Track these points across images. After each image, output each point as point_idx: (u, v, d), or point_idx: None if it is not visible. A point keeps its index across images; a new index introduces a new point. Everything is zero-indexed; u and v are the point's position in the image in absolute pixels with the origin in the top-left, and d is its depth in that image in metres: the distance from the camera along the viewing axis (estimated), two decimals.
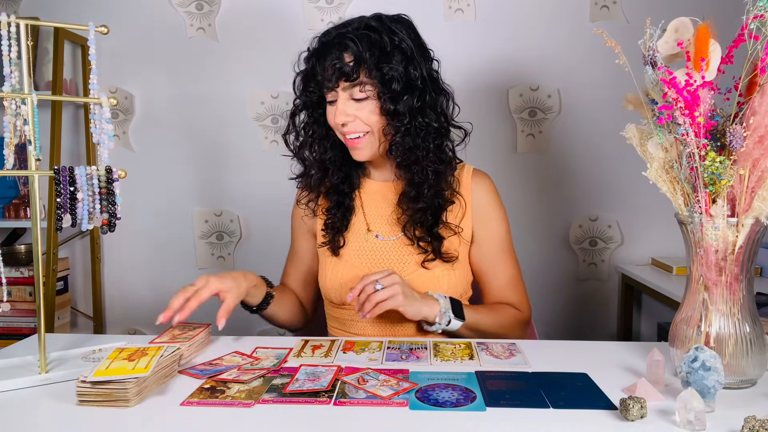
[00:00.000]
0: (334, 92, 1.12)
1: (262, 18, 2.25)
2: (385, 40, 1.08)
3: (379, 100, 1.10)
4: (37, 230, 0.88)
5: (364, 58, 1.07)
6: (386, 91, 1.09)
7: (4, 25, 0.84)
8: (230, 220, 2.34)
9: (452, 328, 1.11)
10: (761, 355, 0.85)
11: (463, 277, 1.22)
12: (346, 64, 1.08)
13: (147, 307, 2.38)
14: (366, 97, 1.10)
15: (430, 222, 1.17)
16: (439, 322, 1.09)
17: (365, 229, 1.23)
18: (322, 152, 1.20)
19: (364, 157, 1.16)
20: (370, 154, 1.16)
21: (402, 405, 0.79)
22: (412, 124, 1.11)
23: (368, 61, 1.07)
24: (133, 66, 2.29)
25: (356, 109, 1.11)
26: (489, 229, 1.23)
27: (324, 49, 1.11)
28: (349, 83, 1.09)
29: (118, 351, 0.88)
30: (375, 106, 1.11)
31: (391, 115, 1.10)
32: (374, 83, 1.09)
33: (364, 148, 1.15)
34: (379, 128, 1.13)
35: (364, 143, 1.14)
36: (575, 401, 0.80)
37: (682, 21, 0.87)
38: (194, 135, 2.30)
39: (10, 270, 2.13)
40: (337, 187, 1.23)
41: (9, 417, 0.77)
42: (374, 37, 1.08)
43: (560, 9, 2.20)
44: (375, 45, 1.08)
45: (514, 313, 1.22)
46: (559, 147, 2.27)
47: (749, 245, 0.84)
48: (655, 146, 0.89)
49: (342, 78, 1.09)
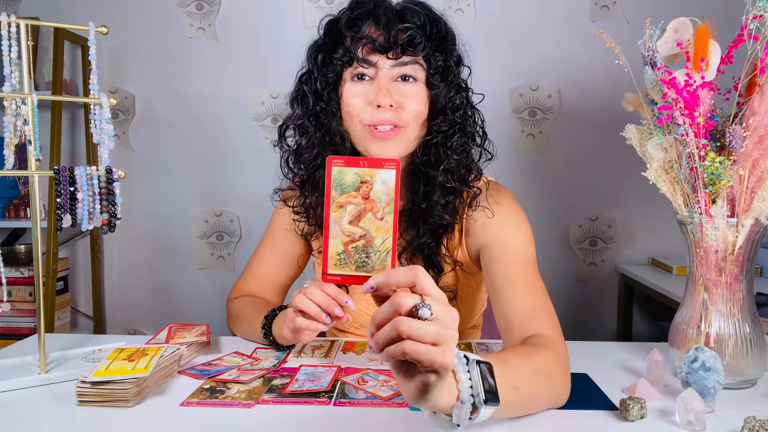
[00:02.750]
0: (371, 67, 0.90)
1: (262, 18, 2.25)
2: (443, 21, 0.92)
3: (429, 88, 0.91)
4: (37, 230, 0.88)
5: (426, 28, 0.88)
6: (440, 78, 0.90)
7: (4, 25, 0.84)
8: (230, 220, 2.34)
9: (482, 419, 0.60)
10: (761, 355, 0.85)
11: (466, 315, 1.08)
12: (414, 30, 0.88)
13: (147, 307, 2.38)
14: (416, 79, 0.91)
15: (430, 249, 0.97)
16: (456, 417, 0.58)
17: None
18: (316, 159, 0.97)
19: (394, 154, 0.92)
20: (402, 151, 0.93)
21: (402, 405, 0.79)
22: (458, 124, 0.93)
23: (432, 37, 0.89)
24: (133, 66, 2.29)
25: (403, 93, 0.90)
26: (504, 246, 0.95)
27: (371, 10, 0.90)
28: (407, 56, 0.89)
29: (118, 351, 0.88)
30: (425, 95, 0.92)
31: (444, 109, 0.92)
32: (428, 64, 0.90)
33: (396, 143, 0.91)
34: (420, 123, 0.92)
35: (398, 136, 0.91)
36: (575, 402, 0.80)
37: (681, 21, 0.87)
38: (194, 135, 2.30)
39: (10, 270, 2.13)
40: None
41: (9, 417, 0.77)
42: (433, 14, 0.91)
43: (560, 9, 2.20)
44: (439, 24, 0.91)
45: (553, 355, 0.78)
46: (559, 147, 2.27)
47: (749, 245, 0.84)
48: (655, 146, 0.89)
49: (399, 47, 0.87)
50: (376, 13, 0.90)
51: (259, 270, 1.15)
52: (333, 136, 0.95)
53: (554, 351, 0.78)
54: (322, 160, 0.95)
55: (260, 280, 1.15)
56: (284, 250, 1.14)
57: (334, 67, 0.92)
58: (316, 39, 0.97)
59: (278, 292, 1.17)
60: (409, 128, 0.92)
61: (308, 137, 0.97)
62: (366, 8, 0.91)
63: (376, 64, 0.90)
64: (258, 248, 1.18)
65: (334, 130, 0.94)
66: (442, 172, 0.93)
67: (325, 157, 0.92)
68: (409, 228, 0.98)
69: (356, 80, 0.92)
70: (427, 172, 0.95)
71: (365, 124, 0.91)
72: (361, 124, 0.92)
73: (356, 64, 0.90)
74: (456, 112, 0.93)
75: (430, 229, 0.96)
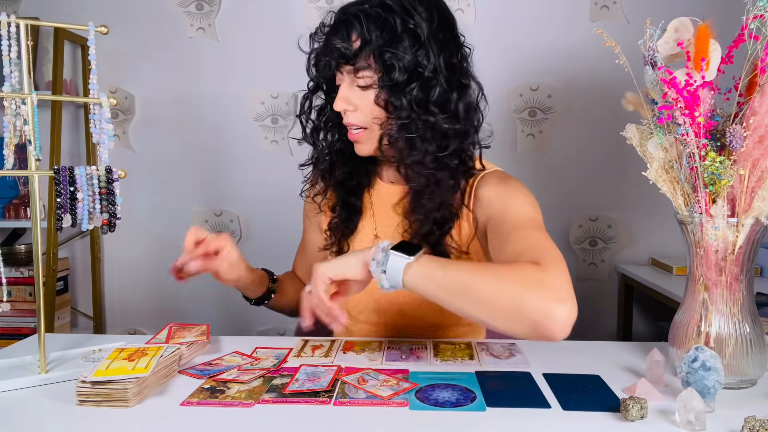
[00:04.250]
0: (340, 75, 1.01)
1: (262, 18, 2.25)
2: (397, 21, 0.96)
3: (380, 89, 0.98)
4: (37, 230, 0.88)
5: (368, 39, 0.96)
6: (387, 79, 0.96)
7: (4, 25, 0.84)
8: (230, 220, 2.34)
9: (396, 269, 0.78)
10: (761, 355, 0.85)
11: None
12: (350, 45, 0.97)
13: (147, 307, 2.38)
14: (368, 85, 0.98)
15: (435, 237, 1.03)
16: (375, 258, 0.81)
17: (373, 235, 1.13)
18: (330, 140, 1.09)
19: (364, 152, 1.05)
20: (371, 149, 1.04)
21: (402, 405, 0.79)
22: (412, 120, 0.97)
23: (373, 43, 0.95)
24: (133, 66, 2.29)
25: (359, 98, 1.00)
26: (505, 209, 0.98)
27: (333, 26, 1.01)
28: (351, 66, 0.98)
29: (118, 351, 0.88)
30: (375, 96, 0.99)
31: (389, 107, 0.98)
32: (377, 69, 0.97)
33: (365, 143, 1.04)
34: (381, 122, 1.01)
35: (364, 138, 1.03)
36: (582, 402, 0.80)
37: (682, 21, 0.87)
38: (194, 135, 2.30)
39: (10, 270, 2.13)
40: (343, 183, 1.12)
41: (9, 417, 0.77)
42: (385, 16, 0.96)
43: (560, 9, 2.20)
44: (385, 26, 0.96)
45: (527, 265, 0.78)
46: (559, 147, 2.27)
47: (749, 245, 0.84)
48: (655, 146, 0.89)
49: (342, 60, 0.98)
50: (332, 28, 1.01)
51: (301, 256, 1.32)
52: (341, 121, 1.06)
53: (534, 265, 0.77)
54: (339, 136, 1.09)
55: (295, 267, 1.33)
56: (315, 241, 1.25)
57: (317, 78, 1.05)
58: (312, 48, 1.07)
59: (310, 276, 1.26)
60: (371, 128, 1.01)
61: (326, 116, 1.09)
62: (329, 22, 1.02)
63: (341, 74, 1.01)
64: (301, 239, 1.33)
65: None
66: (405, 166, 1.00)
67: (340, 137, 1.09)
68: (415, 214, 1.04)
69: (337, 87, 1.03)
70: None
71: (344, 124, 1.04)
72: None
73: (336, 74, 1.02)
74: (405, 110, 0.97)
75: (421, 219, 1.02)
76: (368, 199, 1.15)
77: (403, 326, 1.13)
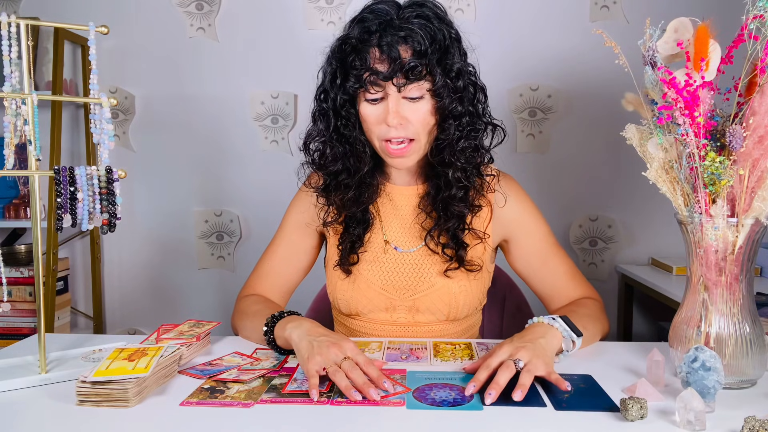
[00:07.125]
0: (380, 90, 0.99)
1: (262, 18, 2.25)
2: (443, 29, 0.98)
3: (435, 98, 0.99)
4: (37, 230, 0.88)
5: (426, 52, 0.96)
6: (449, 89, 0.98)
7: (4, 25, 0.84)
8: (230, 220, 2.34)
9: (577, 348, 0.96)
10: (761, 355, 0.85)
11: (481, 288, 1.14)
12: (411, 58, 0.96)
13: (147, 307, 2.38)
14: (421, 96, 0.99)
15: (455, 226, 1.08)
16: (567, 350, 0.95)
17: (382, 242, 1.13)
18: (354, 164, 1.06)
19: (407, 165, 1.06)
20: (416, 160, 1.06)
21: (399, 405, 0.79)
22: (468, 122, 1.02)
23: (431, 56, 0.96)
24: (133, 66, 2.29)
25: (411, 110, 1.00)
26: (530, 232, 1.15)
27: (376, 37, 0.98)
28: (409, 81, 0.97)
29: (118, 351, 0.88)
30: (431, 106, 1.00)
31: (450, 116, 1.01)
32: (432, 80, 0.98)
33: (411, 156, 1.04)
34: (428, 131, 1.03)
35: (411, 151, 1.03)
36: (576, 402, 0.80)
37: (681, 21, 0.87)
38: (194, 135, 2.30)
39: (10, 270, 2.13)
40: (358, 200, 1.10)
41: (9, 417, 0.77)
42: (433, 27, 0.97)
43: (560, 9, 2.20)
44: (435, 36, 0.97)
45: (593, 303, 1.12)
46: (559, 147, 2.27)
47: (749, 245, 0.84)
48: (655, 146, 0.89)
49: (401, 74, 0.96)
50: (380, 43, 0.97)
51: (270, 262, 1.20)
52: (354, 145, 1.06)
53: (592, 300, 1.13)
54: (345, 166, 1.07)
55: (270, 278, 1.19)
56: (295, 243, 1.19)
57: (347, 90, 1.00)
58: (329, 56, 1.04)
59: (285, 292, 1.21)
60: (419, 139, 1.03)
61: (332, 148, 1.07)
62: (370, 33, 0.98)
63: (385, 88, 0.99)
64: (270, 242, 1.22)
65: (354, 139, 1.05)
66: (453, 171, 1.04)
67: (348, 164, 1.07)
68: (435, 210, 1.09)
69: (370, 102, 1.01)
70: None
71: (381, 139, 1.03)
72: (378, 140, 1.03)
73: (365, 90, 0.99)
74: (460, 119, 1.02)
75: (454, 214, 1.07)
76: (374, 208, 1.15)
77: (414, 323, 1.13)
